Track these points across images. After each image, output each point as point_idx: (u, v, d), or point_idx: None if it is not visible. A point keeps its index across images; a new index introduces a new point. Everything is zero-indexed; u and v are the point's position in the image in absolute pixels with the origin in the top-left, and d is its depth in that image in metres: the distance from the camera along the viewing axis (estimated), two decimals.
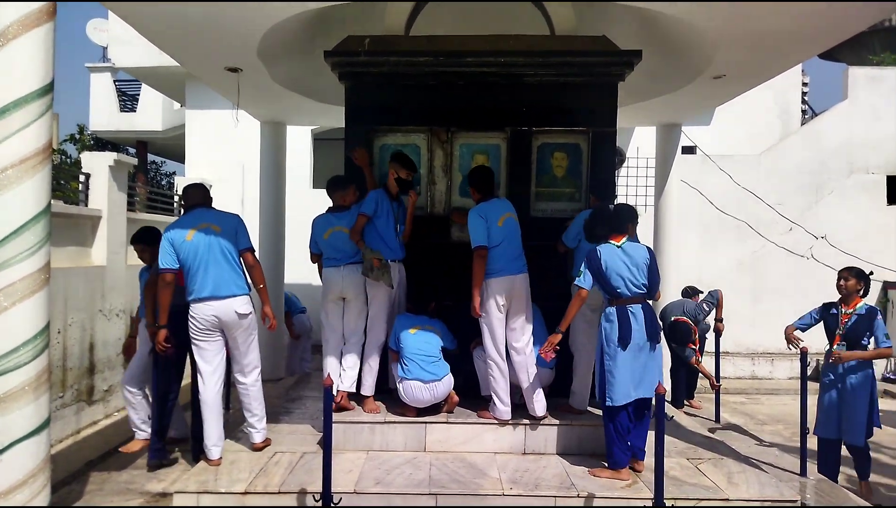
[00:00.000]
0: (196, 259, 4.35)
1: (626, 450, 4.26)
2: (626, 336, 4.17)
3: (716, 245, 10.17)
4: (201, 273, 4.35)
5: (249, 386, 4.61)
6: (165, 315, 4.38)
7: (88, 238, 6.65)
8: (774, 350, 9.83)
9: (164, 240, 4.40)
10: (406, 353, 4.68)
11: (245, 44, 5.05)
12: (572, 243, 4.93)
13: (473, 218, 4.58)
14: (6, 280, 3.08)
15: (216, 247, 4.38)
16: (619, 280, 4.21)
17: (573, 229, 4.92)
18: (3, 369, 3.09)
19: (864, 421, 4.98)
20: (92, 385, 6.39)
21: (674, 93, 6.39)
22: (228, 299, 4.38)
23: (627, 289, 4.21)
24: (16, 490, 3.12)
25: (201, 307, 4.36)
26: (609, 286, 4.24)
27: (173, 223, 4.51)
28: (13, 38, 3.10)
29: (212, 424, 4.45)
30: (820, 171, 10.29)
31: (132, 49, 10.74)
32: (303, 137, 10.36)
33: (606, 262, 4.22)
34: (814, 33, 4.79)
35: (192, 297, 4.38)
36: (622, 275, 4.20)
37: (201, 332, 4.41)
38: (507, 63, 5.07)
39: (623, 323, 4.19)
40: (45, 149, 3.21)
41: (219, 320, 4.39)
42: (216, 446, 4.44)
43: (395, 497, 4.02)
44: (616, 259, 4.22)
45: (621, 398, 4.18)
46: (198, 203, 4.57)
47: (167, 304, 4.37)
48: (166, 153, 18.24)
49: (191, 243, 4.36)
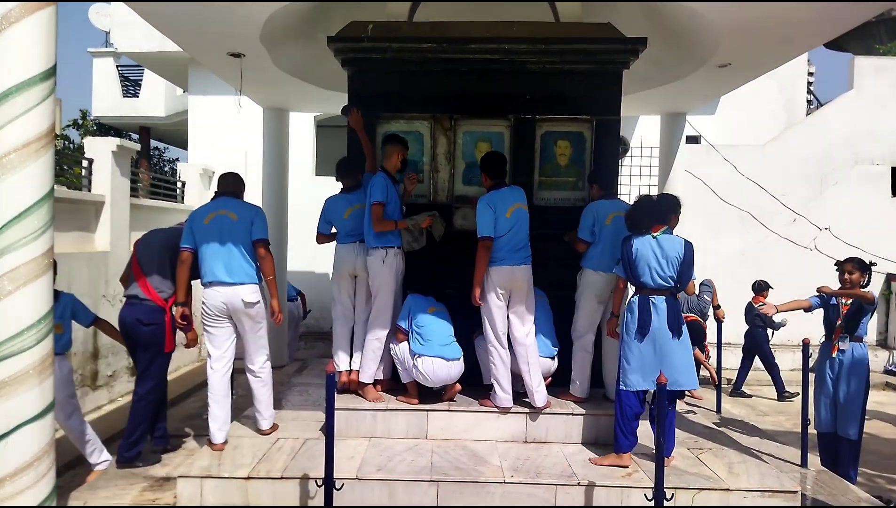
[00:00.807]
0: (209, 243, 4.46)
1: (630, 435, 4.27)
2: (645, 326, 4.20)
3: (719, 235, 10.15)
4: (212, 258, 4.45)
5: (257, 372, 4.66)
6: (183, 292, 4.53)
7: (92, 224, 6.66)
8: (776, 341, 9.82)
9: (188, 221, 4.57)
10: (426, 331, 4.69)
11: (248, 29, 5.02)
12: (589, 236, 4.85)
13: (482, 207, 4.55)
14: (10, 264, 3.09)
15: (229, 234, 4.46)
16: (645, 270, 4.21)
17: (585, 222, 4.86)
18: (8, 353, 3.10)
19: (857, 414, 4.98)
20: (96, 370, 6.42)
21: (678, 81, 6.36)
22: (236, 287, 4.44)
23: (652, 279, 4.21)
24: (22, 472, 3.14)
25: (210, 292, 4.47)
26: (634, 275, 4.26)
27: (199, 207, 4.67)
28: (15, 22, 3.09)
29: (217, 408, 4.50)
30: (824, 161, 10.24)
31: (135, 34, 10.69)
32: (306, 123, 10.33)
33: (637, 250, 4.22)
34: (820, 22, 4.75)
35: (203, 280, 4.50)
36: (650, 265, 4.20)
37: (210, 317, 4.49)
38: (511, 50, 5.04)
39: (643, 313, 4.21)
40: (48, 133, 3.21)
41: (226, 306, 4.46)
42: (221, 430, 4.49)
43: (396, 483, 4.04)
44: (647, 249, 4.21)
45: (632, 384, 4.23)
46: (226, 191, 4.67)
47: (184, 281, 4.53)
48: (169, 139, 18.21)
49: (207, 227, 4.48)
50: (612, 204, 4.87)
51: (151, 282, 4.64)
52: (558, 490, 4.04)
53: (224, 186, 4.69)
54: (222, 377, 4.55)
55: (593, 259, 4.84)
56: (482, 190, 5.18)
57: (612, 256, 4.70)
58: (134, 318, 4.61)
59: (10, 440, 3.12)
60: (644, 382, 4.22)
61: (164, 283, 4.65)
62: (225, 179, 4.75)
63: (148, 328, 4.59)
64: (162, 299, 4.63)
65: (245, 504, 4.03)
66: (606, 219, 4.79)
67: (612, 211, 4.80)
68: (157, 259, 4.69)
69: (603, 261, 4.78)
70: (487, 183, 4.72)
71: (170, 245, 4.69)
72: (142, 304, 4.61)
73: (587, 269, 4.88)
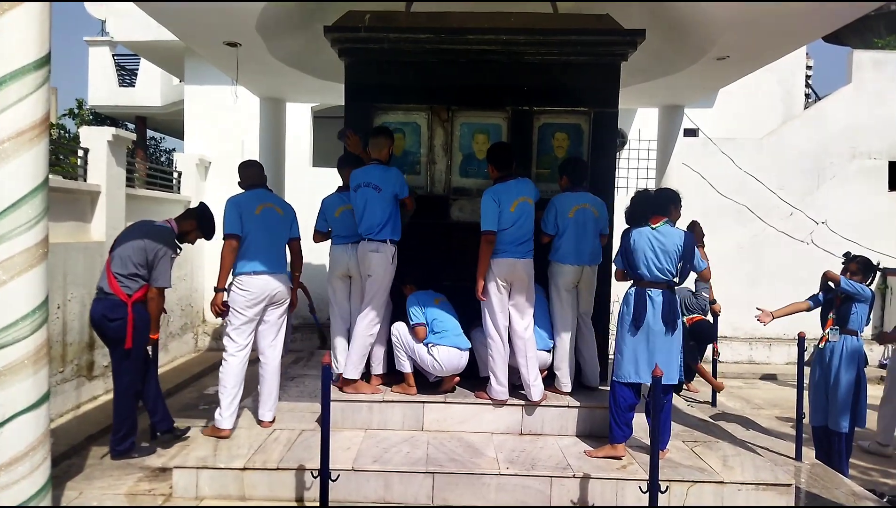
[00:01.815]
0: (259, 234, 4.56)
1: (623, 426, 4.28)
2: (639, 319, 4.20)
3: (715, 229, 10.08)
4: (259, 248, 4.55)
5: (271, 361, 4.75)
6: (225, 279, 4.53)
7: (87, 214, 6.63)
8: (772, 335, 9.86)
9: (233, 209, 4.56)
10: (439, 323, 4.75)
11: (244, 18, 4.99)
12: (552, 229, 4.79)
13: (487, 201, 4.53)
14: (5, 254, 3.08)
15: (276, 227, 4.64)
16: (641, 261, 4.21)
17: (548, 215, 4.80)
18: (2, 342, 3.09)
19: (848, 408, 5.00)
20: (92, 361, 6.41)
21: (677, 74, 6.34)
22: (277, 276, 4.62)
23: (649, 271, 4.21)
24: (17, 462, 3.14)
25: (252, 281, 4.54)
26: (632, 267, 4.28)
27: (239, 196, 4.68)
28: (9, 9, 3.06)
29: (230, 396, 4.57)
30: (822, 155, 10.24)
31: (131, 22, 10.60)
32: (303, 114, 10.29)
33: (635, 242, 4.23)
34: (819, 15, 4.74)
35: (246, 269, 4.54)
36: (647, 257, 4.20)
37: (244, 306, 4.54)
38: (509, 41, 5.01)
39: (638, 305, 4.21)
40: (43, 122, 3.19)
41: (266, 295, 4.57)
42: (232, 417, 4.58)
43: (392, 474, 4.05)
44: (644, 240, 4.21)
45: (623, 376, 4.24)
46: (257, 183, 4.77)
47: (229, 267, 4.53)
48: (165, 129, 18.12)
49: (259, 218, 4.59)
50: (577, 196, 4.81)
51: (117, 277, 4.50)
52: (553, 482, 4.05)
53: (255, 178, 4.78)
54: (242, 365, 4.62)
55: (557, 251, 4.83)
56: (479, 182, 5.19)
57: (576, 248, 4.75)
58: (100, 313, 4.52)
59: (5, 430, 3.11)
60: (636, 374, 4.22)
61: (129, 279, 4.51)
62: (253, 169, 4.84)
63: (113, 323, 4.48)
64: (125, 295, 4.48)
65: (241, 494, 4.04)
66: (569, 212, 4.76)
67: (576, 204, 4.76)
68: (127, 254, 4.52)
69: (567, 253, 4.78)
70: (495, 175, 4.68)
71: (141, 245, 4.54)
72: (107, 299, 4.50)
73: (553, 261, 4.87)
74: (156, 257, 4.56)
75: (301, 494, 4.02)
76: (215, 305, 4.55)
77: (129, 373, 4.61)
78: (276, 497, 4.03)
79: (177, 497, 4.04)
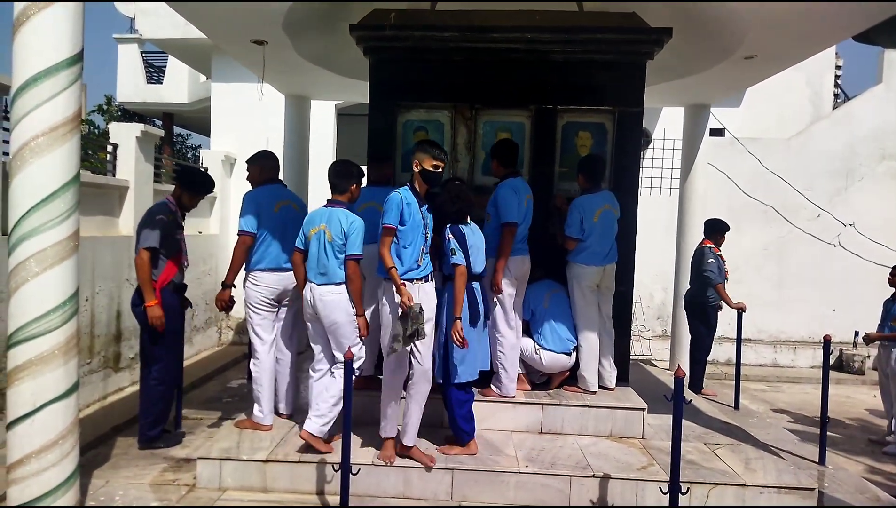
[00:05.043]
0: (278, 231, 4.55)
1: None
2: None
3: (741, 229, 10.00)
4: (280, 245, 4.55)
5: (287, 356, 4.78)
6: (234, 275, 4.55)
7: (116, 208, 6.75)
8: (797, 338, 9.72)
9: (251, 206, 4.54)
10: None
11: (271, 16, 5.04)
12: (578, 233, 4.81)
13: (507, 192, 4.57)
14: (37, 246, 3.15)
15: (292, 224, 4.56)
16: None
17: (573, 219, 4.81)
18: (34, 333, 3.17)
19: None
20: (119, 353, 6.52)
21: (703, 73, 6.27)
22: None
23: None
24: (48, 449, 3.22)
25: (270, 277, 4.55)
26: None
27: (257, 192, 4.64)
28: (44, 8, 3.14)
29: (267, 393, 4.63)
30: (850, 156, 10.06)
31: (159, 20, 10.76)
32: (327, 112, 10.35)
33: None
34: (849, 14, 4.67)
35: (264, 265, 4.54)
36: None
37: (264, 303, 4.58)
38: (534, 39, 4.99)
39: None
40: (75, 118, 3.26)
41: (282, 288, 4.58)
42: (270, 414, 4.66)
43: (412, 470, 4.07)
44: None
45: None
46: (273, 177, 4.76)
47: (240, 265, 4.55)
48: (192, 126, 18.34)
49: (278, 215, 4.58)
50: (599, 198, 4.85)
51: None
52: (573, 482, 4.04)
53: (271, 172, 4.76)
54: (272, 362, 4.67)
55: (582, 253, 4.84)
56: None
57: (600, 250, 4.80)
58: (131, 301, 4.67)
59: (37, 418, 3.20)
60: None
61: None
62: (272, 162, 4.78)
63: (137, 308, 4.56)
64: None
65: (263, 486, 4.09)
66: (594, 215, 4.78)
67: (599, 207, 4.80)
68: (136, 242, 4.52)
69: (593, 255, 4.82)
70: (500, 171, 4.73)
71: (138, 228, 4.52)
72: (136, 287, 4.59)
73: (576, 263, 4.88)
74: (140, 226, 4.52)
75: (322, 487, 4.06)
76: (221, 300, 4.56)
77: (158, 360, 4.65)
78: (298, 489, 4.08)
79: (200, 488, 4.11)
